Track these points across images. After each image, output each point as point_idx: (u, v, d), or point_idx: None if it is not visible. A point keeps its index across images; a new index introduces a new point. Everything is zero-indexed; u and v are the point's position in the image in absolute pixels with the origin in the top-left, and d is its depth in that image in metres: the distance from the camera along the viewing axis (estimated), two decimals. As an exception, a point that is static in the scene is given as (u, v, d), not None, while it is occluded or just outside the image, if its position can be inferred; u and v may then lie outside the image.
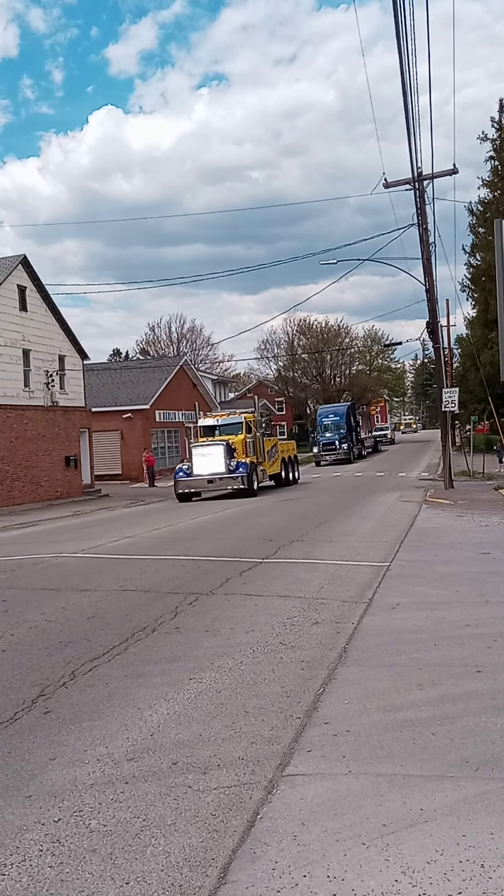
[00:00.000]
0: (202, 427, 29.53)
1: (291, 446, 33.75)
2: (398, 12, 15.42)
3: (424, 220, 24.92)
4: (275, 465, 29.95)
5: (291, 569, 10.40)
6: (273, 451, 29.87)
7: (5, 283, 30.34)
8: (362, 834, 3.32)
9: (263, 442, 28.58)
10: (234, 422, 28.59)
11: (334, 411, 53.41)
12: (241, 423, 28.02)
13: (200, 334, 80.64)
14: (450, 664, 5.80)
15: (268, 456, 28.97)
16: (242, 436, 27.49)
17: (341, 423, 50.41)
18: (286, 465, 31.41)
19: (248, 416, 28.81)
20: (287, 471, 31.47)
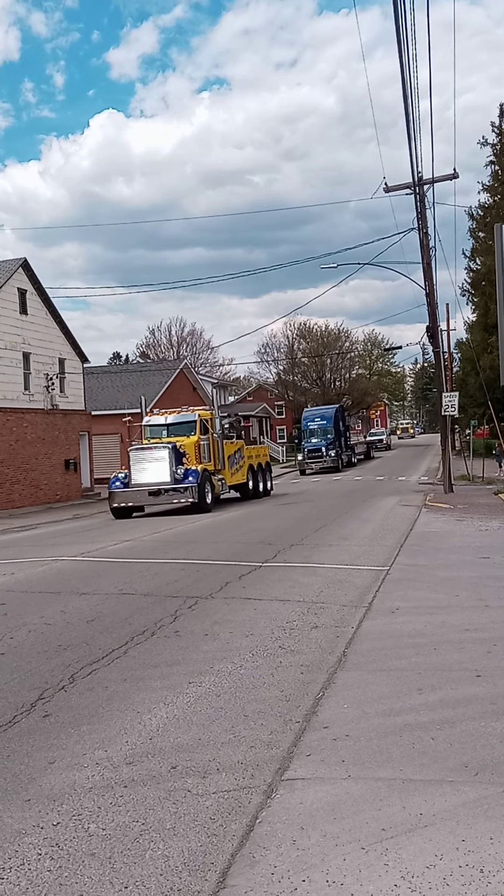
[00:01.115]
0: (148, 426, 25.11)
1: (262, 451, 29.84)
2: (399, 17, 15.46)
3: (425, 224, 24.98)
4: (239, 474, 25.99)
5: (291, 573, 10.40)
6: (237, 457, 25.89)
7: (6, 287, 30.38)
8: (361, 838, 3.32)
9: (223, 445, 24.39)
10: (185, 420, 24.22)
11: (321, 414, 49.27)
12: (195, 423, 23.74)
13: (201, 338, 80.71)
14: (449, 668, 5.79)
15: (230, 462, 24.93)
16: (195, 437, 23.22)
17: (328, 427, 46.42)
18: (255, 474, 27.46)
19: (203, 413, 24.81)
20: (256, 480, 27.52)
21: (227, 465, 24.70)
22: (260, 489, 27.83)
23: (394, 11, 15.08)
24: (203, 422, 23.89)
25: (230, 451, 25.19)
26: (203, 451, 23.24)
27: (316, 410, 52.70)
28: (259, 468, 28.11)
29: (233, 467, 25.32)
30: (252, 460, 27.45)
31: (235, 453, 25.80)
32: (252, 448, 28.86)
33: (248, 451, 27.39)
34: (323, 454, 44.63)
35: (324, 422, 47.17)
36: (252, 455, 27.75)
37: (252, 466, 27.28)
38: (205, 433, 23.64)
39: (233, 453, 25.45)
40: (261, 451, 29.67)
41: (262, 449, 30.45)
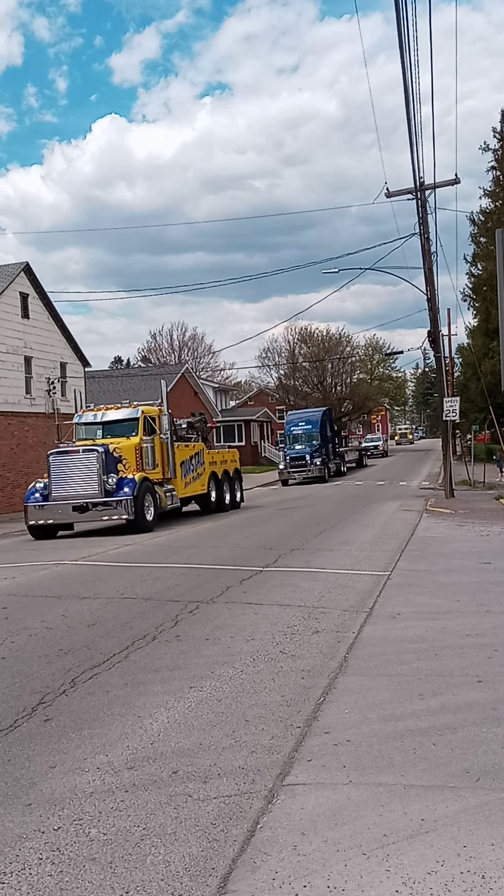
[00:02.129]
0: (80, 426, 20.97)
1: (231, 456, 25.92)
2: (401, 23, 15.51)
3: (426, 229, 25.01)
4: (198, 483, 22.14)
5: (292, 577, 10.39)
6: (194, 463, 21.99)
7: (8, 291, 30.42)
8: (363, 844, 3.31)
9: (173, 448, 20.31)
10: (124, 418, 20.09)
11: (306, 418, 44.54)
12: (137, 421, 19.73)
13: (202, 342, 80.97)
14: (450, 674, 5.79)
15: (184, 469, 21.06)
16: (136, 439, 19.36)
17: (314, 432, 41.97)
18: (220, 483, 23.74)
19: (149, 409, 20.56)
20: (221, 491, 23.78)
21: (180, 473, 20.81)
22: (225, 501, 24.06)
23: (396, 17, 15.14)
24: (148, 420, 19.89)
25: (184, 456, 21.30)
26: (146, 456, 19.30)
27: (300, 414, 47.72)
28: (225, 476, 24.35)
29: (188, 475, 21.39)
30: (216, 467, 23.78)
31: (192, 459, 21.93)
32: (217, 452, 25.21)
33: (211, 455, 23.81)
34: (307, 462, 39.95)
35: (309, 426, 42.90)
36: (216, 461, 24.09)
37: (215, 474, 23.54)
38: (150, 433, 19.73)
39: (188, 459, 21.59)
40: (228, 456, 25.87)
41: (231, 454, 26.42)
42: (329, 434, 43.63)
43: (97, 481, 18.11)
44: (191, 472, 21.67)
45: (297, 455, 40.46)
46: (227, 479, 24.59)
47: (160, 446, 20.02)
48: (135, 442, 19.29)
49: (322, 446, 41.27)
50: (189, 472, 21.54)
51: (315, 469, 39.61)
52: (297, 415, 47.06)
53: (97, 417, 20.60)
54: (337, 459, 44.07)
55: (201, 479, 22.48)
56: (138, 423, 19.69)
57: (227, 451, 26.72)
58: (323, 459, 40.34)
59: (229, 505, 24.25)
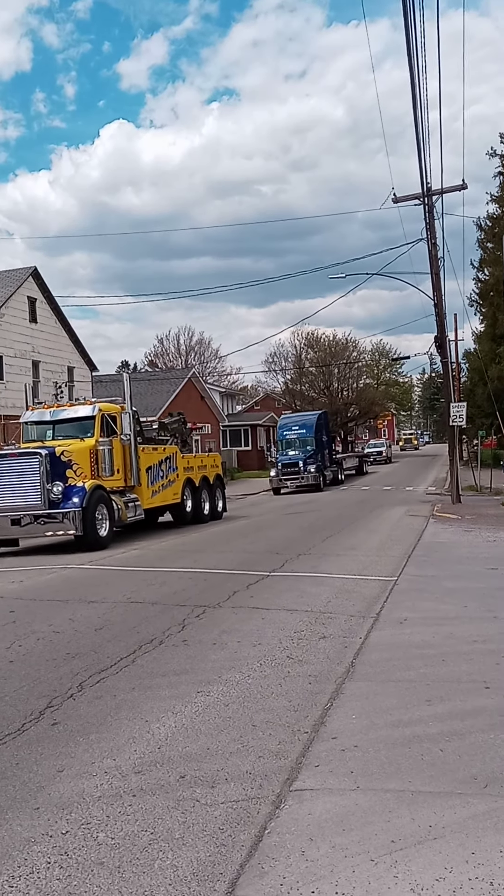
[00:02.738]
0: (29, 425, 18.42)
1: (211, 461, 23.55)
2: (409, 29, 15.54)
3: (433, 235, 25.02)
4: (169, 491, 19.76)
5: (298, 582, 10.39)
6: (165, 469, 19.58)
7: (15, 295, 30.56)
8: (371, 850, 3.31)
9: (136, 452, 17.90)
10: (78, 417, 17.67)
11: (300, 422, 41.44)
12: (94, 419, 17.31)
13: (208, 347, 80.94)
14: (458, 680, 5.78)
15: (150, 475, 18.67)
16: (91, 441, 16.81)
17: (308, 437, 38.98)
18: (197, 491, 21.36)
19: (108, 406, 18.18)
20: (199, 499, 21.39)
21: (146, 480, 18.44)
22: (204, 511, 21.63)
23: (404, 23, 15.18)
24: (107, 419, 17.53)
25: (152, 461, 18.85)
26: (103, 460, 16.65)
27: (294, 417, 44.60)
28: (204, 484, 21.89)
29: (156, 482, 19.00)
30: (193, 473, 21.31)
31: (162, 464, 19.48)
32: (195, 457, 22.67)
33: (187, 460, 21.31)
34: (300, 470, 36.85)
35: (303, 430, 39.78)
36: (193, 466, 21.63)
37: (192, 481, 21.12)
38: (110, 434, 17.35)
39: (157, 464, 19.14)
40: (208, 460, 23.33)
41: (211, 458, 24.03)
42: (325, 439, 40.75)
43: (39, 490, 15.67)
44: (160, 478, 19.31)
45: (290, 461, 37.42)
46: (207, 486, 22.11)
47: (121, 450, 17.52)
48: (89, 444, 16.73)
49: (317, 452, 38.34)
50: (158, 478, 19.15)
51: (309, 477, 36.64)
52: (291, 418, 44.10)
53: (47, 416, 18.13)
54: (334, 466, 40.95)
55: (174, 486, 20.08)
56: (95, 422, 17.23)
57: (208, 456, 24.38)
58: (318, 466, 37.29)
59: (209, 515, 21.80)
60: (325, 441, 40.30)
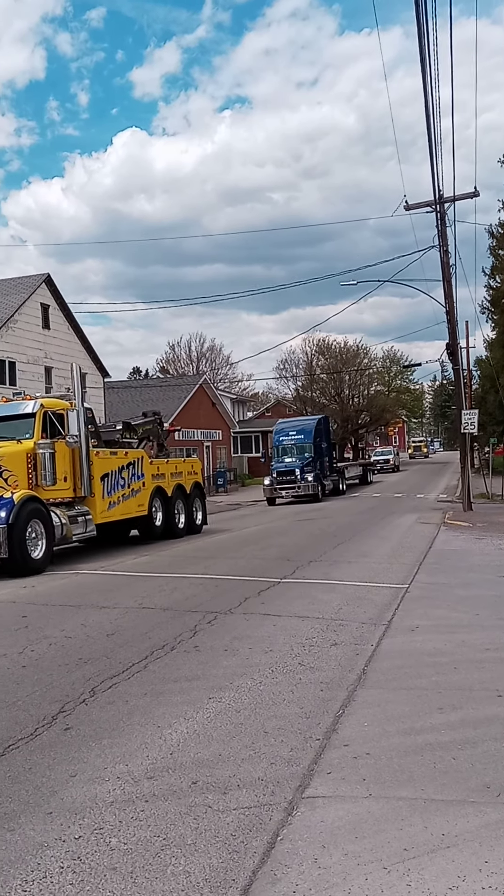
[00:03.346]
0: None
1: (189, 467, 20.84)
2: (422, 37, 15.58)
3: (445, 242, 25.02)
4: (133, 502, 17.19)
5: (310, 589, 10.38)
6: (128, 476, 17.07)
7: (28, 302, 30.74)
8: (383, 858, 3.31)
9: (88, 456, 15.46)
10: (14, 414, 15.08)
11: (298, 427, 38.83)
12: (33, 418, 14.73)
13: (220, 353, 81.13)
14: (470, 688, 5.77)
15: (109, 484, 16.19)
16: (30, 443, 14.36)
17: (306, 443, 36.44)
18: (170, 502, 18.89)
19: (52, 402, 15.71)
20: (171, 512, 18.88)
21: (101, 490, 15.90)
22: (178, 524, 19.29)
23: (417, 31, 15.22)
24: (50, 417, 14.95)
25: (109, 467, 16.27)
26: (43, 466, 14.16)
27: (291, 422, 41.99)
28: (179, 494, 19.42)
29: (115, 492, 16.43)
30: (164, 481, 18.81)
31: (123, 470, 16.91)
32: (167, 463, 19.69)
33: (156, 467, 18.72)
34: (297, 478, 34.23)
35: (300, 436, 37.21)
36: (165, 473, 19.04)
37: (162, 491, 18.59)
38: (50, 434, 14.72)
39: (117, 471, 16.58)
40: (185, 467, 20.64)
41: (189, 464, 21.20)
42: (324, 446, 37.90)
43: None
44: (120, 487, 16.72)
45: (286, 469, 34.84)
46: (182, 496, 19.64)
47: (68, 454, 15.10)
48: (25, 447, 14.21)
49: (315, 459, 35.78)
50: (117, 487, 16.58)
51: (306, 486, 34.07)
52: (288, 423, 41.29)
53: None
54: (334, 475, 38.23)
55: (139, 496, 17.52)
56: (35, 421, 14.62)
57: (184, 461, 21.45)
58: (316, 475, 34.77)
59: (184, 529, 19.48)
60: (324, 448, 37.65)
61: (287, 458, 35.98)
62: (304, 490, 33.96)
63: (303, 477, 34.07)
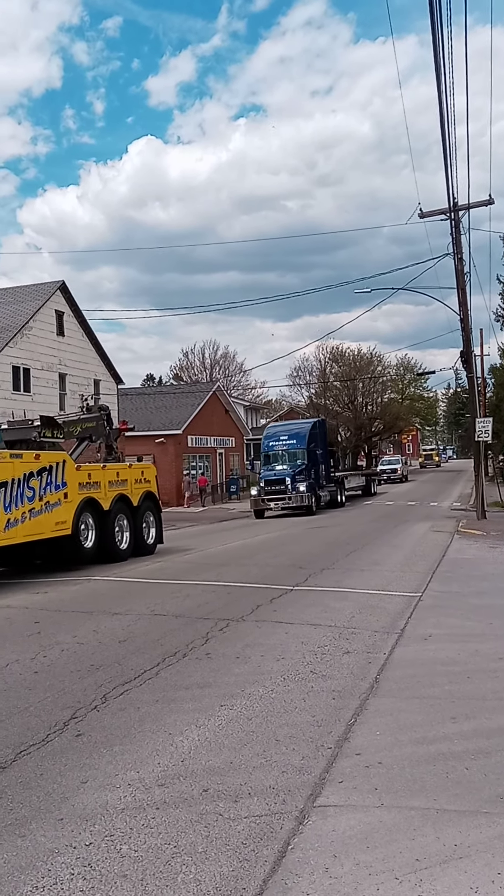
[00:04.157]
0: None
1: (137, 474, 17.26)
2: (437, 45, 15.57)
3: (459, 250, 24.96)
4: (48, 519, 13.90)
5: (322, 597, 10.35)
6: (40, 485, 13.77)
7: (43, 309, 30.92)
8: (395, 868, 3.28)
9: None
10: None
11: (290, 432, 34.48)
12: None
13: (233, 361, 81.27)
14: (483, 697, 5.73)
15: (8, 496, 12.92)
16: None
17: (299, 449, 32.51)
18: (107, 518, 15.53)
19: None
20: (107, 529, 15.55)
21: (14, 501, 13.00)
22: (120, 545, 15.99)
23: (432, 39, 15.21)
24: None
25: (10, 475, 13.05)
26: None
27: (283, 426, 37.96)
28: (121, 507, 16.13)
29: (19, 506, 13.14)
30: (99, 492, 15.43)
31: (32, 478, 13.58)
32: (102, 469, 16.05)
33: (87, 473, 15.34)
34: (288, 488, 30.42)
35: (293, 441, 33.12)
36: (100, 482, 15.61)
37: (96, 504, 15.24)
38: None
39: (22, 478, 13.32)
40: (133, 473, 17.17)
41: (137, 470, 17.59)
42: (320, 452, 33.69)
43: None
44: (27, 500, 13.37)
45: (276, 478, 31.02)
46: (126, 510, 16.33)
47: None
48: None
49: (310, 467, 31.92)
50: (21, 500, 13.21)
51: (298, 497, 30.41)
52: (279, 427, 37.56)
53: None
54: (332, 485, 34.29)
55: (57, 511, 14.17)
56: None
57: (130, 467, 17.49)
58: (310, 485, 30.94)
59: (128, 549, 16.20)
60: (320, 455, 33.52)
61: (277, 465, 32.30)
62: (296, 501, 30.56)
63: (294, 487, 30.48)
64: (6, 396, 28.36)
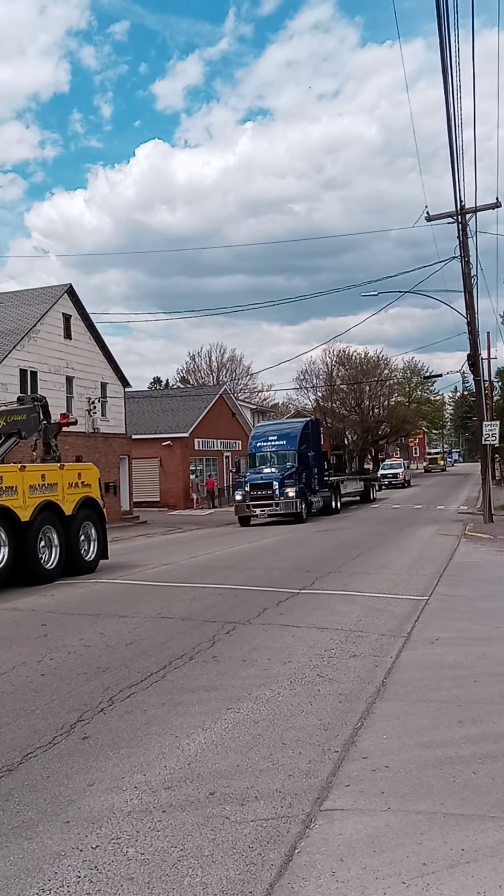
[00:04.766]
0: None
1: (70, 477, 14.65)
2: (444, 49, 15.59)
3: (466, 253, 24.94)
4: None
5: (329, 600, 10.34)
6: None
7: (51, 312, 30.99)
8: (402, 872, 3.27)
9: None
10: None
11: (280, 432, 31.82)
12: None
13: (240, 364, 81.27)
14: (490, 701, 5.71)
15: None
16: None
17: (288, 450, 30.11)
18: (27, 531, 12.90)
19: None
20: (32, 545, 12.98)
21: None
22: (46, 563, 13.44)
23: (439, 43, 15.24)
24: None
25: None
26: None
27: (272, 426, 35.40)
28: (48, 517, 13.62)
29: None
30: (14, 499, 12.80)
31: None
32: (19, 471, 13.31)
33: (5, 476, 12.78)
34: (274, 493, 27.97)
35: (282, 442, 30.59)
36: (16, 487, 12.93)
37: (8, 513, 12.59)
38: None
39: None
40: (65, 476, 14.54)
41: (74, 472, 15.06)
42: (312, 454, 30.99)
43: None
44: None
45: (262, 482, 28.48)
46: (54, 521, 13.79)
47: None
48: None
49: (300, 471, 29.41)
50: None
51: (286, 503, 27.88)
52: (268, 426, 34.91)
53: None
54: (326, 490, 31.50)
55: None
56: None
57: (64, 469, 14.77)
58: (300, 489, 28.45)
59: (56, 570, 13.60)
60: (311, 457, 30.86)
61: (265, 468, 29.79)
62: (284, 508, 27.98)
63: (282, 492, 27.94)
64: (13, 399, 28.39)
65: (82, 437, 32.45)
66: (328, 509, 31.04)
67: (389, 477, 56.33)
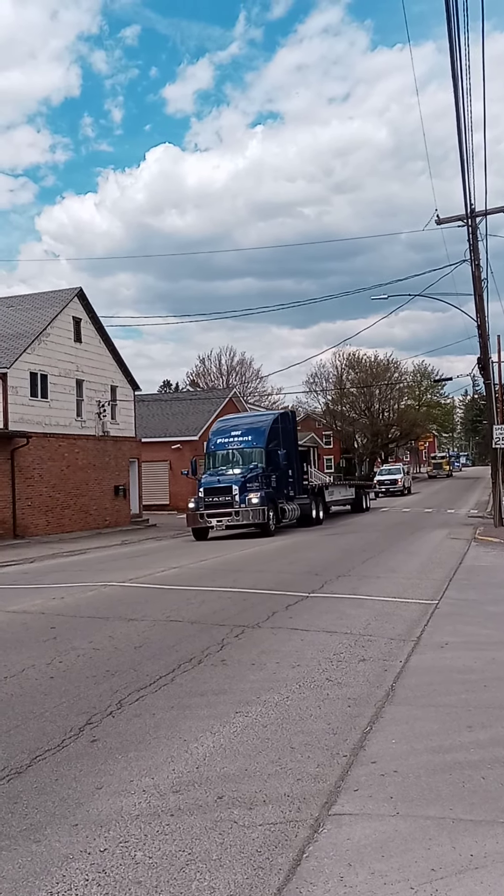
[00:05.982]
0: None
1: None
2: (454, 52, 15.55)
3: (477, 256, 24.87)
4: None
5: (338, 604, 10.32)
6: None
7: (61, 315, 31.09)
8: (410, 878, 3.26)
9: None
10: None
11: (245, 426, 26.87)
12: None
13: (250, 367, 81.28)
14: (500, 706, 5.68)
15: None
16: None
17: (254, 448, 25.27)
18: None
19: None
20: None
21: None
22: None
23: (449, 46, 15.20)
24: None
25: None
26: None
27: (237, 419, 29.84)
28: None
29: None
30: None
31: None
32: None
33: None
34: (234, 500, 23.30)
35: (247, 438, 25.68)
36: None
37: None
38: None
39: None
40: None
41: None
42: (283, 453, 25.31)
43: None
44: None
45: (219, 487, 23.80)
46: None
47: None
48: None
49: (267, 473, 24.65)
50: None
51: (248, 512, 23.15)
52: (232, 420, 29.22)
53: None
54: (304, 497, 26.75)
55: None
56: None
57: None
58: (266, 495, 23.58)
59: None
60: (283, 456, 25.18)
61: (226, 469, 24.98)
62: (246, 518, 23.22)
63: (243, 497, 23.17)
64: (24, 402, 28.49)
65: (92, 440, 32.53)
66: (307, 519, 26.49)
67: (387, 483, 50.82)
